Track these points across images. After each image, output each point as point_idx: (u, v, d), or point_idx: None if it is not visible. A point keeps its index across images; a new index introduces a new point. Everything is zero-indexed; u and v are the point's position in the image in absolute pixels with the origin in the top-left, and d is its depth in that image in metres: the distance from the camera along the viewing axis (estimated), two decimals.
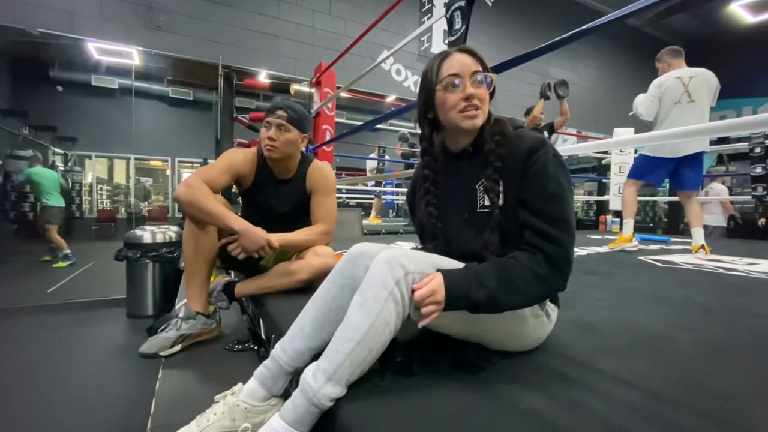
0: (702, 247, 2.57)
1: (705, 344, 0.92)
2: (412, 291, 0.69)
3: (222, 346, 1.25)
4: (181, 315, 1.24)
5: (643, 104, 2.73)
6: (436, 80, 0.80)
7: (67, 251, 4.62)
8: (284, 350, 0.77)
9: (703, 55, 9.53)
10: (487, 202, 0.80)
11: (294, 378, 0.77)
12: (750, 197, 4.49)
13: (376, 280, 0.67)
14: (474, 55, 0.80)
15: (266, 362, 0.78)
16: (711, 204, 5.19)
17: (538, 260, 0.72)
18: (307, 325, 0.77)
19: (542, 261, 0.72)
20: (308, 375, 0.65)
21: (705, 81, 2.59)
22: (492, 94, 0.82)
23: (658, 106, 2.66)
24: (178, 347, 1.20)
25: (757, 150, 4.34)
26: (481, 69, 0.79)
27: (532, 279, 0.71)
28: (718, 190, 5.38)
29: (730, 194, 5.98)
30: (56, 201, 4.78)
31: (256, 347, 1.24)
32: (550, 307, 0.83)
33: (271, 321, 1.11)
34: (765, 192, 4.36)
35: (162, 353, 1.16)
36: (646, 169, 2.79)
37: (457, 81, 0.78)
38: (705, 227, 2.68)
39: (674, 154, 2.63)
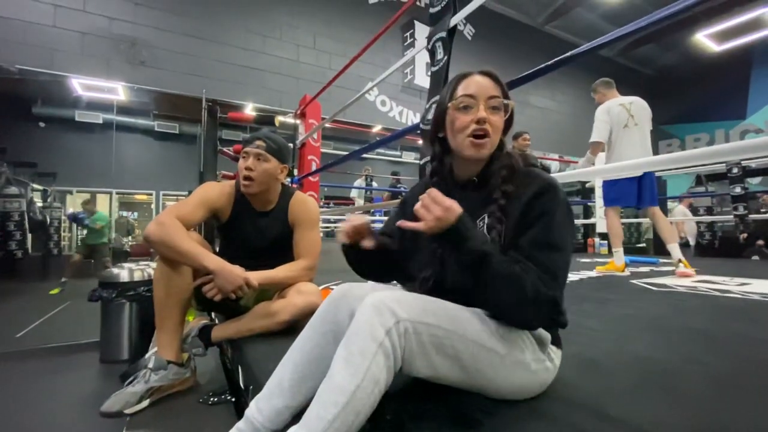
0: (680, 261, 2.61)
1: (716, 379, 0.86)
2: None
3: (196, 399, 1.13)
4: (150, 365, 1.12)
5: (595, 131, 2.90)
6: (449, 98, 0.76)
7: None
8: (260, 410, 0.68)
9: (672, 82, 10.07)
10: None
11: None
12: (732, 216, 4.58)
13: (364, 330, 0.59)
14: (495, 80, 0.75)
15: (239, 424, 0.68)
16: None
17: (531, 279, 0.65)
18: (286, 379, 0.69)
19: (534, 284, 0.65)
20: None
21: (641, 107, 2.81)
22: (509, 124, 0.77)
23: (609, 130, 2.86)
24: (146, 402, 1.08)
25: (735, 171, 4.47)
26: (500, 95, 0.74)
27: (517, 286, 0.64)
28: (677, 212, 5.66)
29: (712, 213, 6.12)
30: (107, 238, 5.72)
31: (233, 399, 1.13)
32: (553, 350, 0.76)
33: (250, 369, 1.02)
34: (745, 211, 4.46)
35: (127, 411, 1.04)
36: (617, 193, 2.89)
37: (471, 102, 0.73)
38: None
39: (634, 173, 2.76)
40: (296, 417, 0.68)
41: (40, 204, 6.94)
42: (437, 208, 0.65)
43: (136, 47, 4.55)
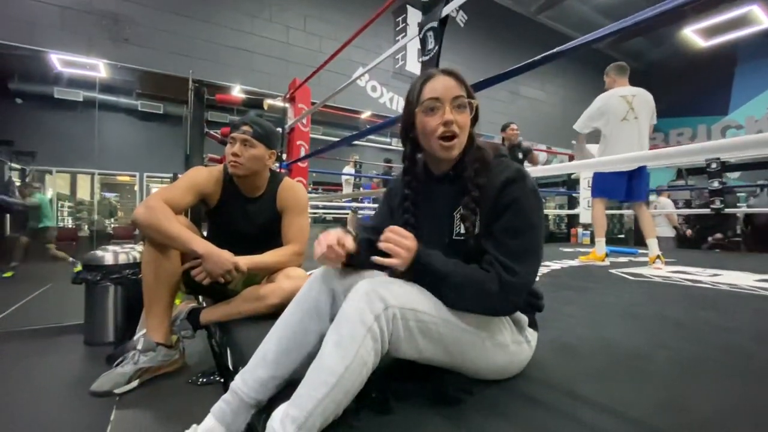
0: (657, 257, 2.68)
1: (682, 363, 0.92)
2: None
3: (185, 380, 1.15)
4: (139, 347, 1.14)
5: (581, 117, 2.85)
6: (417, 102, 0.78)
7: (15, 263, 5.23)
8: (245, 381, 0.71)
9: (660, 76, 10.18)
10: (462, 231, 0.77)
11: (257, 411, 0.71)
12: (708, 209, 4.73)
13: (354, 315, 0.62)
14: (458, 79, 0.78)
15: (225, 396, 0.72)
16: (658, 217, 5.48)
17: (492, 278, 0.70)
18: (270, 351, 0.73)
19: (495, 280, 0.70)
20: (275, 423, 0.59)
21: (644, 100, 2.74)
22: (475, 120, 0.80)
23: (598, 122, 2.79)
24: (135, 383, 1.10)
25: (713, 165, 4.60)
26: (464, 94, 0.77)
27: (478, 290, 0.70)
28: (664, 203, 5.74)
29: (691, 207, 6.30)
30: (52, 221, 5.77)
31: (222, 380, 1.15)
32: (530, 332, 0.81)
33: (239, 351, 1.04)
34: (722, 205, 4.61)
35: (116, 390, 1.06)
36: (606, 186, 2.90)
37: (437, 105, 0.75)
38: (657, 238, 2.82)
39: (628, 167, 2.74)
40: (279, 388, 0.72)
41: (17, 184, 6.72)
42: (405, 241, 0.71)
43: (120, 24, 4.39)
